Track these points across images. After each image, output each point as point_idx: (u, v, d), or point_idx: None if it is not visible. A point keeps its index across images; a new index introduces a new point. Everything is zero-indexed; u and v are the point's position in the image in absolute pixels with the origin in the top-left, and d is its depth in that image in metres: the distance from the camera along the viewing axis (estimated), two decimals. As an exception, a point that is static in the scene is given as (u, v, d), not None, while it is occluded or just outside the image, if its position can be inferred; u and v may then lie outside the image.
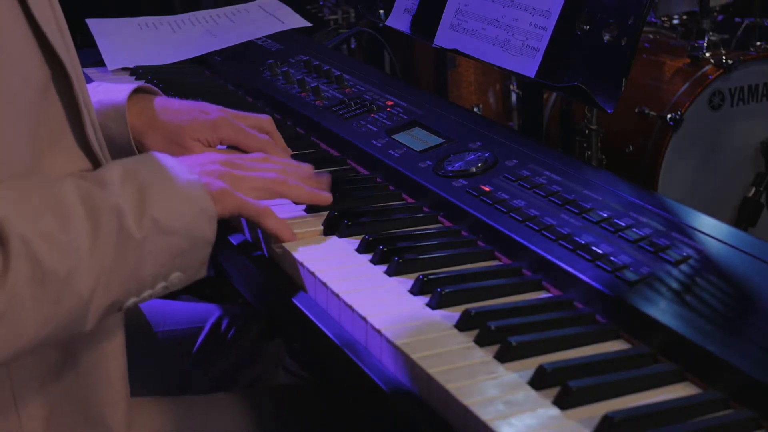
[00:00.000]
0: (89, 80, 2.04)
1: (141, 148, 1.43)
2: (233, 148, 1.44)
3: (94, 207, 1.00)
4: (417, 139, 1.47)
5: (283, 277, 1.22)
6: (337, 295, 1.10)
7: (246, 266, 1.30)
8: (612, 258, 1.07)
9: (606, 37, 1.42)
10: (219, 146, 1.45)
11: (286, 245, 1.22)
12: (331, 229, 1.27)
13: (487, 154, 1.36)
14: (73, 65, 1.08)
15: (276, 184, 1.23)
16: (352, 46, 3.18)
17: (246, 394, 1.41)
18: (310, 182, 1.29)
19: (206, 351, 1.65)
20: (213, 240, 1.11)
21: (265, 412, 1.36)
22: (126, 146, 1.41)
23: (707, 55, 2.56)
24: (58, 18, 1.07)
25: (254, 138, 1.43)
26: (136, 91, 1.46)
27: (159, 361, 1.59)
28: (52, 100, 1.06)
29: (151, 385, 1.54)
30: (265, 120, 1.48)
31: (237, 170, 1.21)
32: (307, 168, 1.32)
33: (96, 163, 1.12)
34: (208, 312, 1.71)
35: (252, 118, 1.47)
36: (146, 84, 1.51)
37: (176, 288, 1.10)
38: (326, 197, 1.29)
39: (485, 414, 0.87)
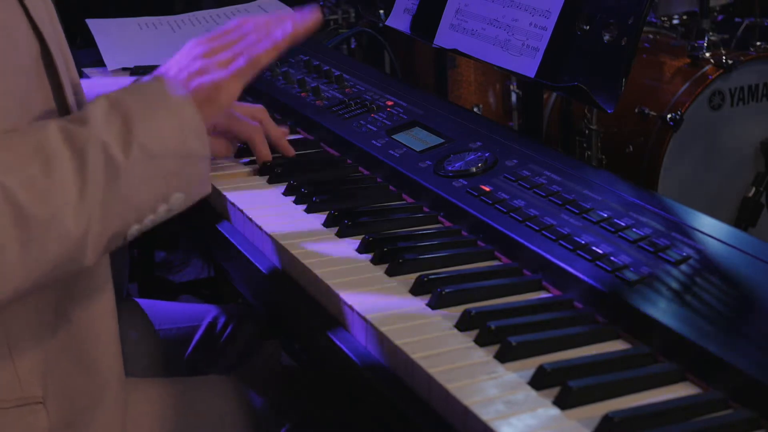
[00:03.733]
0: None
1: None
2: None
3: (79, 145, 1.01)
4: (417, 139, 1.47)
5: (282, 278, 1.22)
6: (337, 295, 1.10)
7: (245, 266, 1.30)
8: (612, 258, 1.07)
9: (606, 37, 1.42)
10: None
11: (287, 245, 1.22)
12: (331, 228, 1.27)
13: (487, 154, 1.36)
14: (60, 45, 1.10)
15: (254, 36, 1.23)
16: (352, 46, 3.18)
17: (243, 375, 1.42)
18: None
19: (201, 349, 1.66)
20: (207, 154, 1.11)
21: (263, 394, 1.37)
22: None
23: (707, 55, 2.56)
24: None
25: (246, 125, 1.46)
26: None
27: (158, 358, 1.60)
28: (41, 78, 1.08)
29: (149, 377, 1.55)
30: (258, 109, 1.51)
31: (215, 55, 1.21)
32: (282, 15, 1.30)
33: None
34: (205, 312, 1.72)
35: (245, 107, 1.50)
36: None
37: (182, 208, 1.10)
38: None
39: (485, 414, 0.87)
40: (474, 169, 1.33)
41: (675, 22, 2.99)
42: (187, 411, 1.31)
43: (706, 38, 2.59)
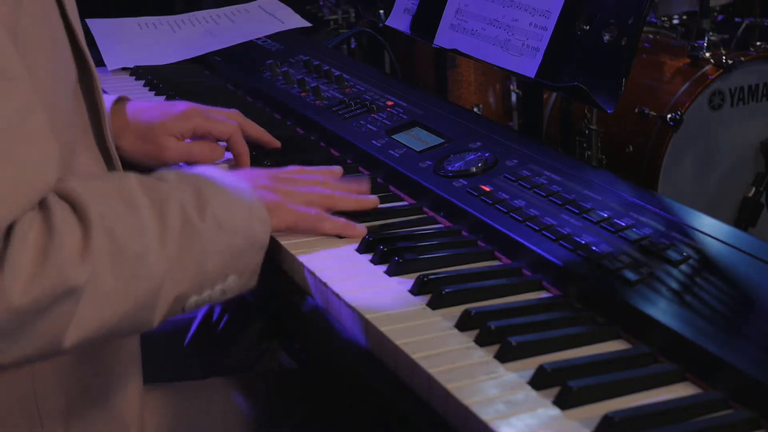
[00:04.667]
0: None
1: (118, 152, 1.45)
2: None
3: (159, 197, 1.02)
4: (417, 139, 1.47)
5: (282, 277, 1.22)
6: (337, 295, 1.10)
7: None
8: (612, 258, 1.07)
9: (606, 37, 1.42)
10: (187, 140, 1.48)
11: (285, 245, 1.22)
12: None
13: (487, 154, 1.36)
14: (94, 66, 1.12)
15: (325, 198, 1.25)
16: (352, 46, 3.18)
17: (244, 378, 1.42)
18: (351, 188, 1.31)
19: (198, 341, 1.65)
20: (266, 246, 1.13)
21: (263, 396, 1.36)
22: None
23: (707, 55, 2.56)
24: (78, 18, 1.12)
25: (224, 124, 1.47)
26: (116, 101, 1.50)
27: (151, 352, 1.59)
28: (80, 100, 1.09)
29: (146, 377, 1.55)
30: (233, 112, 1.52)
31: (286, 185, 1.23)
32: (338, 171, 1.35)
33: (110, 164, 1.15)
34: None
35: (221, 110, 1.51)
36: (122, 95, 1.53)
37: (233, 294, 1.11)
38: (373, 201, 1.30)
39: (485, 414, 0.87)
40: (474, 169, 1.33)
41: (675, 22, 2.99)
42: (187, 415, 1.31)
43: (706, 38, 2.59)
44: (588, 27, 1.46)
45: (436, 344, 0.99)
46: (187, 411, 1.31)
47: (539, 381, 0.91)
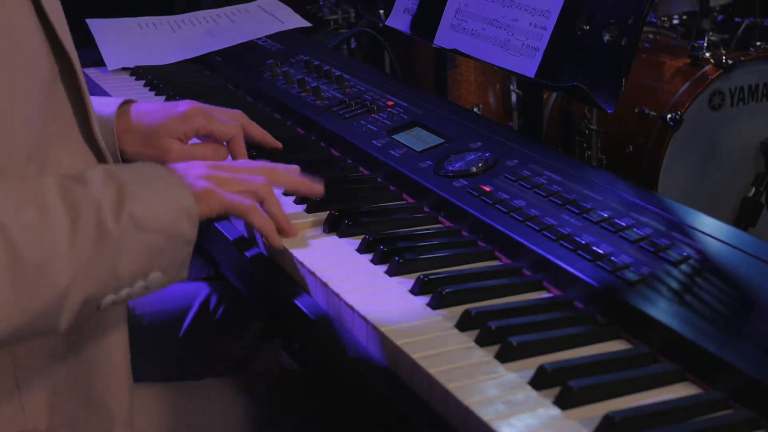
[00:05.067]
0: (89, 80, 2.04)
1: (121, 156, 1.46)
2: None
3: (74, 201, 1.01)
4: (417, 139, 1.47)
5: (282, 277, 1.22)
6: (337, 295, 1.10)
7: (244, 265, 1.30)
8: (612, 258, 1.07)
9: (606, 37, 1.42)
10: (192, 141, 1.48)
11: (286, 244, 1.22)
12: (331, 228, 1.27)
13: (487, 154, 1.36)
14: (77, 60, 1.09)
15: (263, 187, 1.23)
16: (352, 46, 3.18)
17: (243, 379, 1.42)
18: (301, 181, 1.30)
19: (195, 332, 1.64)
20: (193, 239, 1.11)
21: (263, 397, 1.36)
22: (115, 157, 1.44)
23: (707, 55, 2.56)
24: (61, 13, 1.09)
25: (227, 125, 1.46)
26: (122, 104, 1.49)
27: (147, 346, 1.59)
28: (60, 95, 1.08)
29: (140, 370, 1.54)
30: (237, 113, 1.51)
31: (223, 172, 1.21)
32: (295, 168, 1.32)
33: (100, 157, 1.14)
34: (195, 291, 1.70)
35: (224, 110, 1.50)
36: (128, 98, 1.53)
37: (156, 289, 1.10)
38: (317, 187, 1.29)
39: (485, 414, 0.87)
40: (474, 169, 1.33)
41: (675, 22, 2.99)
42: (186, 416, 1.31)
43: (706, 38, 2.59)
44: (588, 27, 1.46)
45: (437, 344, 0.99)
46: (185, 411, 1.31)
47: (539, 381, 0.91)
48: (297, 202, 1.36)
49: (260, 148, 1.52)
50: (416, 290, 1.10)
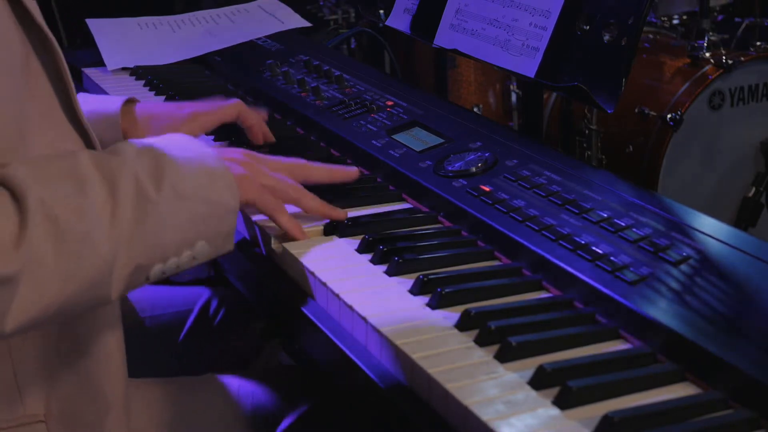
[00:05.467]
0: (89, 80, 2.04)
1: None
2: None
3: (111, 173, 1.02)
4: (417, 139, 1.47)
5: (282, 277, 1.22)
6: (337, 295, 1.10)
7: (244, 265, 1.30)
8: (612, 258, 1.07)
9: (606, 37, 1.42)
10: None
11: (286, 244, 1.22)
12: (331, 228, 1.27)
13: (487, 154, 1.36)
14: (52, 36, 1.09)
15: (292, 189, 1.25)
16: (352, 46, 3.18)
17: (243, 375, 1.42)
18: (316, 204, 1.29)
19: (196, 335, 1.64)
20: (236, 209, 1.12)
21: (263, 394, 1.36)
22: None
23: (707, 55, 2.56)
24: None
25: (227, 107, 1.54)
26: (126, 102, 1.52)
27: (147, 349, 1.59)
28: (36, 74, 1.07)
29: (140, 373, 1.54)
30: (236, 102, 1.56)
31: (258, 164, 1.24)
32: (325, 166, 1.35)
33: (86, 138, 1.14)
34: (196, 295, 1.70)
35: (225, 106, 1.55)
36: (132, 97, 1.56)
37: (205, 259, 1.12)
38: (340, 213, 1.28)
39: (485, 414, 0.87)
40: (474, 169, 1.33)
41: (675, 22, 2.99)
42: (184, 411, 1.31)
43: (706, 38, 2.59)
44: (588, 27, 1.46)
45: (436, 344, 0.98)
46: (185, 406, 1.31)
47: (539, 381, 0.91)
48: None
49: (259, 148, 1.53)
50: (416, 290, 1.10)
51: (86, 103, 1.46)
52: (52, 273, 0.96)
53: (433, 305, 1.07)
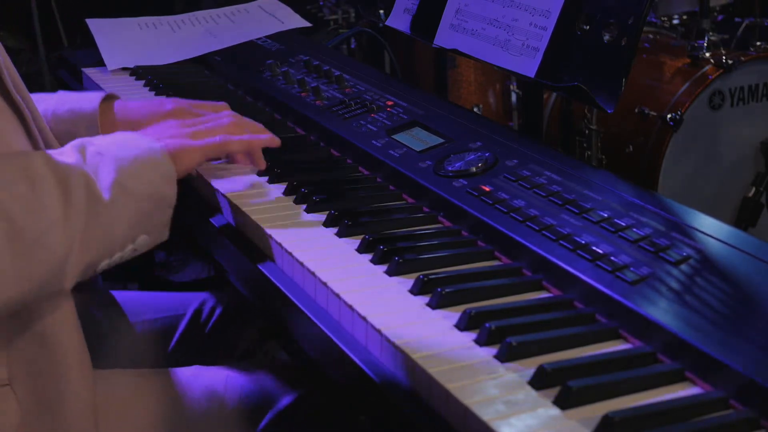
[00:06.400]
0: (89, 80, 2.04)
1: None
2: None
3: (63, 174, 1.07)
4: (417, 139, 1.47)
5: (280, 276, 1.22)
6: (337, 295, 1.10)
7: (244, 265, 1.30)
8: (612, 258, 1.07)
9: (606, 37, 1.42)
10: None
11: (286, 245, 1.22)
12: (330, 228, 1.27)
13: (487, 154, 1.36)
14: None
15: (230, 126, 1.34)
16: (352, 46, 3.18)
17: (226, 367, 1.42)
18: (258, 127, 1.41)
19: (188, 338, 1.64)
20: (174, 202, 1.19)
21: (249, 384, 1.36)
22: None
23: (707, 55, 2.56)
24: None
25: (213, 119, 1.51)
26: (105, 98, 1.53)
27: (139, 354, 1.59)
28: None
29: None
30: (221, 105, 1.57)
31: (192, 126, 1.32)
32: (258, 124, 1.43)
33: (17, 111, 1.17)
34: (188, 300, 1.70)
35: (209, 105, 1.56)
36: (111, 93, 1.58)
37: (143, 250, 1.18)
38: (275, 139, 1.40)
39: (485, 414, 0.87)
40: (474, 169, 1.33)
41: (675, 22, 2.99)
42: (164, 402, 1.32)
43: (706, 38, 2.59)
44: (588, 27, 1.46)
45: (436, 344, 0.98)
46: (161, 397, 1.32)
47: (539, 381, 0.91)
48: (296, 202, 1.36)
49: None
50: (416, 290, 1.10)
51: (63, 102, 1.50)
52: (7, 272, 0.99)
53: (433, 305, 1.07)
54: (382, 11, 2.07)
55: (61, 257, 1.04)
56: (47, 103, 1.50)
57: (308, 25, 2.25)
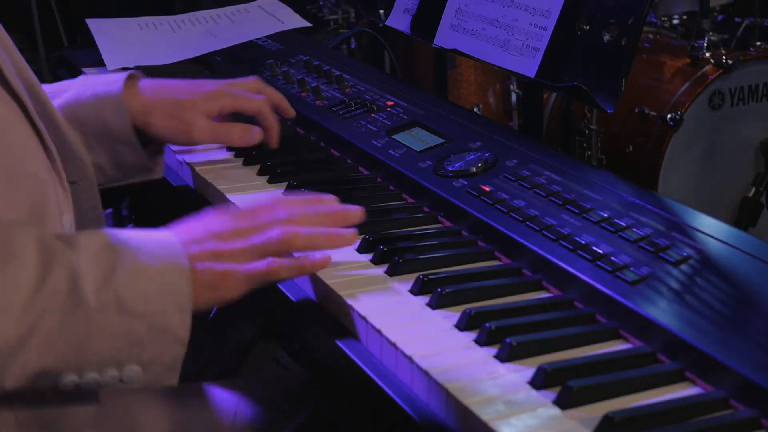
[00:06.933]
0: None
1: (146, 129, 1.48)
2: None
3: (50, 260, 0.95)
4: (417, 139, 1.47)
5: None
6: (338, 295, 1.10)
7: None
8: (612, 258, 1.07)
9: (606, 37, 1.42)
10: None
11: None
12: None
13: (487, 154, 1.36)
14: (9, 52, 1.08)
15: (281, 244, 1.09)
16: (352, 46, 3.18)
17: (240, 382, 1.41)
18: (327, 220, 1.16)
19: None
20: (184, 338, 1.00)
21: (261, 400, 1.35)
22: (125, 136, 1.46)
23: (707, 55, 2.56)
24: None
25: (252, 100, 1.53)
26: (128, 78, 1.50)
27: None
28: None
29: None
30: (255, 80, 1.58)
31: (233, 243, 1.08)
32: (322, 203, 1.20)
33: (18, 101, 1.12)
34: None
35: (242, 83, 1.56)
36: (134, 71, 1.55)
37: (134, 386, 1.00)
38: (348, 236, 1.15)
39: (485, 414, 0.87)
40: (474, 169, 1.33)
41: (675, 22, 2.99)
42: (184, 419, 1.29)
43: (706, 38, 2.59)
44: (588, 27, 1.46)
45: (436, 344, 0.98)
46: (183, 414, 1.29)
47: (539, 381, 0.91)
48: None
49: (259, 147, 1.54)
50: (416, 290, 1.10)
51: (87, 87, 1.47)
52: None
53: (433, 305, 1.07)
54: (382, 11, 2.07)
55: (11, 344, 0.90)
56: (72, 90, 1.48)
57: (308, 25, 2.25)
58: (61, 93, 1.48)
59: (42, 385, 0.96)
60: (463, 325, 1.02)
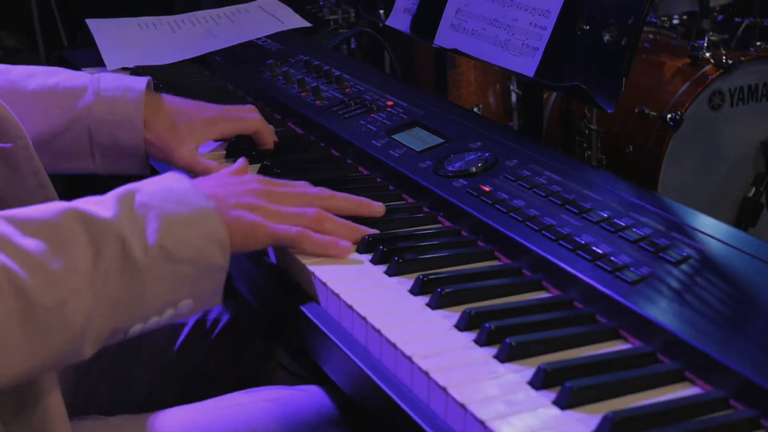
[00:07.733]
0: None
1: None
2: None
3: (96, 234, 0.98)
4: (417, 139, 1.47)
5: (282, 276, 1.22)
6: (337, 295, 1.10)
7: (245, 265, 1.30)
8: (612, 258, 1.07)
9: (606, 37, 1.42)
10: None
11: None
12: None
13: (487, 154, 1.36)
14: None
15: (313, 218, 1.19)
16: (352, 46, 3.18)
17: (246, 397, 1.39)
18: (350, 206, 1.26)
19: (190, 348, 1.60)
20: (225, 267, 1.09)
21: (268, 415, 1.34)
22: (135, 131, 1.48)
23: (707, 55, 2.56)
24: None
25: (249, 120, 1.56)
26: (148, 85, 1.53)
27: (141, 368, 1.55)
28: None
29: (138, 396, 1.51)
30: (249, 108, 1.59)
31: (271, 202, 1.19)
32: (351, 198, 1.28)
33: None
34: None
35: (240, 108, 1.58)
36: (150, 80, 1.56)
37: (187, 316, 1.09)
38: (378, 208, 1.28)
39: (485, 414, 0.87)
40: (474, 169, 1.33)
41: (675, 22, 2.99)
42: None
43: (706, 38, 2.59)
44: (588, 27, 1.46)
45: (436, 344, 0.98)
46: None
47: (539, 381, 0.91)
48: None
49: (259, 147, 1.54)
50: (416, 290, 1.10)
51: (107, 80, 1.49)
52: (19, 346, 0.91)
53: (432, 305, 1.07)
54: (382, 11, 2.07)
55: (79, 328, 0.95)
56: (89, 93, 1.48)
57: (308, 25, 2.25)
58: (75, 84, 1.48)
59: (114, 340, 1.03)
60: (462, 325, 1.02)
